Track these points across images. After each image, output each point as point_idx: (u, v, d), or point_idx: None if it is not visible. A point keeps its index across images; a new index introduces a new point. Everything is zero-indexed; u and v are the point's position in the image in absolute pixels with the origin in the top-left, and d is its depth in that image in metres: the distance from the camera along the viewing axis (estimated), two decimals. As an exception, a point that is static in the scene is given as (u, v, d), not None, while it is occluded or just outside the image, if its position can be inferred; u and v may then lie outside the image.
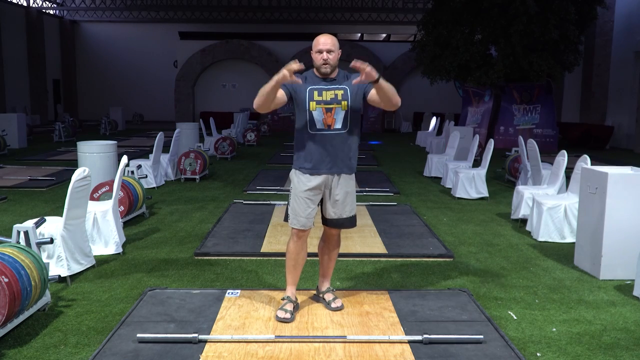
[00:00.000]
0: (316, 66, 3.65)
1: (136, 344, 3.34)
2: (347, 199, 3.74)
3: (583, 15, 15.99)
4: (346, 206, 3.74)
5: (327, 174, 3.66)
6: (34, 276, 3.52)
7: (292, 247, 3.80)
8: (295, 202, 3.71)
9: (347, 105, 3.62)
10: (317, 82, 3.66)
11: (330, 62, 3.60)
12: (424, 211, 7.55)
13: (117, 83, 29.81)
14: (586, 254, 5.02)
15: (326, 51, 3.58)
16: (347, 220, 3.78)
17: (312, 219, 3.73)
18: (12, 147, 14.75)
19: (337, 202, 3.71)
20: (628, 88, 17.97)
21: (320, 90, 3.63)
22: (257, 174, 10.70)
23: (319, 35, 3.68)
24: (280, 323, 3.66)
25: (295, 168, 3.74)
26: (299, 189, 3.69)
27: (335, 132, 3.63)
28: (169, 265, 5.05)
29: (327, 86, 3.64)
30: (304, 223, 3.70)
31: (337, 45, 3.65)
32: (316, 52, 3.62)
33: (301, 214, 3.68)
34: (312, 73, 3.72)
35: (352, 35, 28.56)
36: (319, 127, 3.62)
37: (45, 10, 27.41)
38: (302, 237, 3.77)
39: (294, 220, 3.71)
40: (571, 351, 3.40)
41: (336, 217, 3.75)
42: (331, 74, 3.66)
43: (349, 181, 3.75)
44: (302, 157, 3.69)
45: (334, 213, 3.74)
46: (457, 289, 4.41)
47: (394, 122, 25.52)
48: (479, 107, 18.71)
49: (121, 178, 5.65)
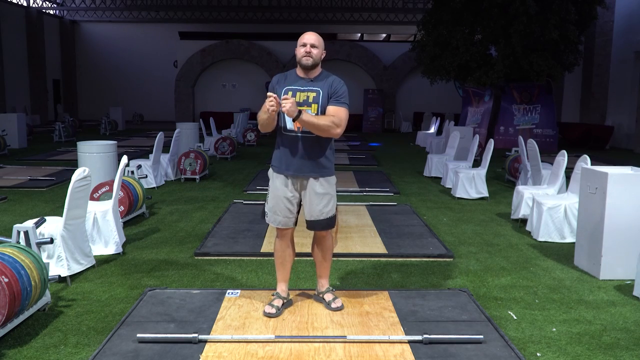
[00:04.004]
0: (298, 59, 3.64)
1: (136, 344, 3.34)
2: (322, 200, 3.71)
3: (583, 15, 15.99)
4: (322, 208, 3.72)
5: (296, 175, 3.68)
6: (34, 276, 3.52)
7: (277, 245, 3.88)
8: (272, 199, 3.76)
9: (318, 108, 3.60)
10: (296, 82, 3.66)
11: (313, 56, 3.60)
12: (424, 211, 7.55)
13: (117, 83, 29.82)
14: (586, 254, 5.02)
15: (310, 45, 3.60)
16: (323, 222, 3.76)
17: (291, 218, 3.76)
18: (12, 147, 14.76)
19: (312, 204, 3.71)
20: (628, 88, 17.97)
21: (295, 91, 3.63)
22: (257, 174, 10.70)
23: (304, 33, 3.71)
24: (280, 323, 3.66)
25: (270, 165, 3.82)
26: (273, 186, 3.75)
27: (303, 134, 3.62)
28: (169, 265, 5.05)
29: (303, 87, 3.63)
30: (280, 221, 3.74)
31: (322, 44, 3.67)
32: (300, 45, 3.63)
33: (278, 212, 3.73)
34: (294, 72, 3.73)
35: (352, 35, 28.56)
36: (289, 129, 3.64)
37: (45, 10, 27.42)
38: (285, 236, 3.83)
39: (271, 218, 3.78)
40: (571, 351, 3.40)
41: (312, 219, 3.76)
42: (312, 72, 3.66)
43: (324, 183, 3.72)
44: (275, 156, 3.78)
45: (310, 215, 3.75)
46: (457, 289, 4.41)
47: (394, 122, 25.53)
48: (479, 107, 18.71)
49: (121, 178, 5.64)
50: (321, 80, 3.66)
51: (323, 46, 3.68)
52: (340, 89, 3.66)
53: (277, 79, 3.75)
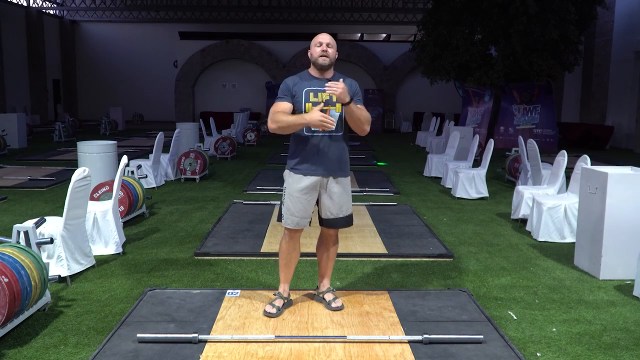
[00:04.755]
0: (314, 59, 3.64)
1: (136, 344, 3.34)
2: (342, 198, 3.74)
3: (583, 15, 15.99)
4: (342, 206, 3.75)
5: (318, 175, 3.67)
6: (34, 276, 3.52)
7: (284, 246, 3.84)
8: (290, 201, 3.72)
9: (342, 107, 3.61)
10: (312, 83, 3.66)
11: (329, 55, 3.61)
12: (424, 211, 7.55)
13: (117, 83, 29.81)
14: (586, 254, 5.02)
15: (326, 44, 3.61)
16: (342, 220, 3.79)
17: (307, 219, 3.74)
18: (12, 147, 14.76)
19: (332, 201, 3.72)
20: (628, 88, 17.97)
21: (316, 92, 3.62)
22: (257, 174, 10.70)
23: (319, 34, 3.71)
24: (280, 323, 3.66)
25: (289, 168, 3.76)
26: (293, 189, 3.70)
27: (329, 134, 3.63)
28: (169, 265, 5.05)
29: (323, 87, 3.63)
30: (298, 222, 3.72)
31: (335, 45, 3.70)
32: (316, 45, 3.63)
33: (296, 214, 3.70)
34: (307, 73, 3.72)
35: (352, 35, 28.55)
36: (314, 129, 3.62)
37: (45, 10, 27.41)
38: (295, 237, 3.81)
39: (288, 220, 3.73)
40: (571, 351, 3.40)
41: (332, 217, 3.76)
42: (327, 72, 3.67)
43: (344, 181, 3.76)
44: (296, 158, 3.70)
45: (330, 213, 3.75)
46: (457, 289, 4.41)
47: (394, 122, 25.53)
48: (479, 107, 18.71)
49: (121, 178, 5.65)
50: (337, 80, 3.65)
51: (336, 48, 3.71)
52: (357, 88, 3.73)
53: (293, 81, 3.68)
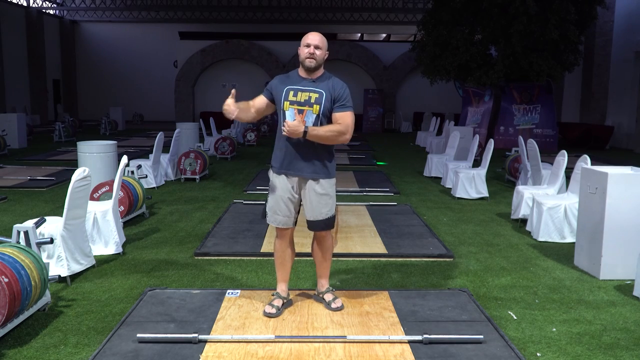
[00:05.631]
0: (301, 60, 3.64)
1: (136, 344, 3.34)
2: (320, 201, 3.71)
3: (583, 15, 15.99)
4: (320, 209, 3.72)
5: (296, 175, 3.68)
6: (34, 276, 3.52)
7: (277, 245, 3.88)
8: (272, 199, 3.75)
9: (319, 109, 3.60)
10: (297, 82, 3.66)
11: (316, 58, 3.60)
12: (424, 211, 7.55)
13: (117, 83, 29.80)
14: (586, 254, 5.02)
15: (314, 46, 3.60)
16: (321, 223, 3.76)
17: (291, 218, 3.76)
18: (12, 147, 14.75)
19: (310, 204, 3.72)
20: (628, 88, 17.97)
21: (297, 90, 3.63)
22: (257, 174, 10.70)
23: (309, 33, 3.71)
24: (280, 323, 3.66)
25: (270, 165, 3.82)
26: (274, 187, 3.74)
27: None
28: (169, 265, 5.05)
29: (305, 87, 3.63)
30: (280, 221, 3.74)
31: (325, 45, 3.68)
32: (304, 45, 3.63)
33: (278, 212, 3.74)
34: (296, 72, 3.73)
35: (352, 35, 28.55)
36: None
37: (45, 10, 27.41)
38: (285, 236, 3.83)
39: (271, 218, 3.78)
40: (571, 351, 3.40)
41: (310, 219, 3.77)
42: (314, 73, 3.66)
43: (324, 184, 3.72)
44: (275, 157, 3.76)
45: (309, 215, 3.76)
46: (457, 289, 4.41)
47: (394, 122, 25.53)
48: (479, 107, 18.71)
49: (121, 178, 5.64)
50: (323, 82, 3.66)
51: (326, 47, 3.69)
52: (343, 92, 3.65)
53: (280, 79, 3.74)
